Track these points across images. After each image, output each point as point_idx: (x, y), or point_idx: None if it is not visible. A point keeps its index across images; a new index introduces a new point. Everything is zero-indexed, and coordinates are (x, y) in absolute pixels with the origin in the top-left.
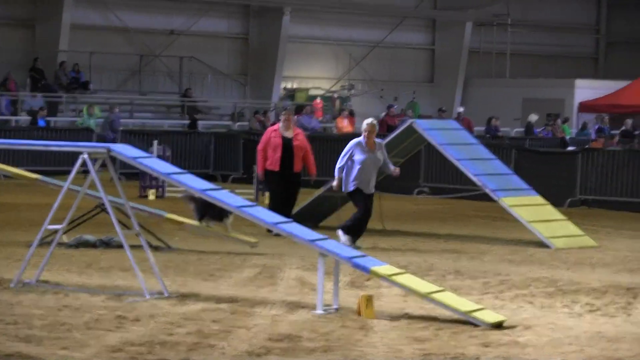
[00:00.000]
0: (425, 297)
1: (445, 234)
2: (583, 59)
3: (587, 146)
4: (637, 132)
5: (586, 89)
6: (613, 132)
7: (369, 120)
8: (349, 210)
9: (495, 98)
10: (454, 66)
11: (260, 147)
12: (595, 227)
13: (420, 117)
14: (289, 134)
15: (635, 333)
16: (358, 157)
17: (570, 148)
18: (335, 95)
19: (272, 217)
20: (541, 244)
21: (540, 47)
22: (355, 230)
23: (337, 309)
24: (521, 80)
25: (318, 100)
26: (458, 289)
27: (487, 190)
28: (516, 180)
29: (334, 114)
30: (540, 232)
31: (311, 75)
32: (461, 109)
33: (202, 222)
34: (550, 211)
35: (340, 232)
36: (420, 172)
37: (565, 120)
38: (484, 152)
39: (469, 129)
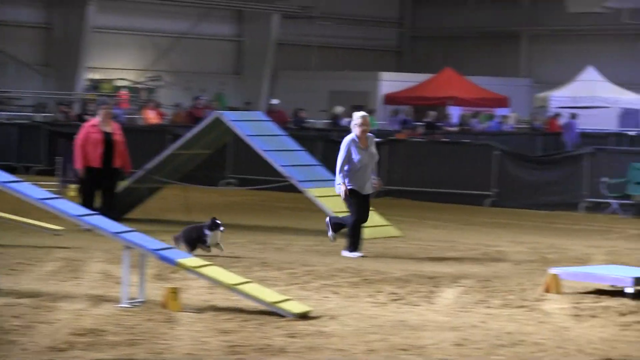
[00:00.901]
0: (231, 288)
1: (252, 225)
2: (387, 52)
3: (391, 137)
4: (440, 124)
5: (391, 82)
6: (417, 123)
7: (362, 113)
8: (157, 202)
9: (302, 90)
10: (261, 58)
11: (78, 142)
12: (399, 217)
13: (227, 108)
14: (108, 129)
15: (438, 321)
16: (355, 156)
17: (375, 140)
18: (142, 86)
19: (76, 210)
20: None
21: (346, 40)
22: (357, 239)
23: (142, 302)
24: (327, 73)
25: (124, 91)
26: (264, 280)
27: (293, 182)
28: (322, 172)
29: (140, 105)
30: None
31: (117, 67)
32: (275, 102)
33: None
34: None
35: (346, 253)
36: (227, 163)
37: (371, 112)
38: (291, 143)
39: (283, 121)
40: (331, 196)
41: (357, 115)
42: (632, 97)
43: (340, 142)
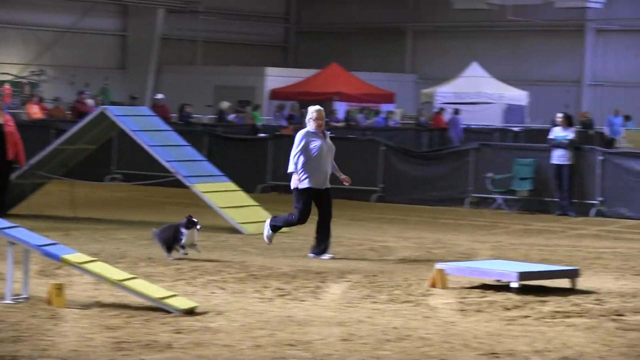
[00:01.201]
0: (117, 284)
1: (138, 221)
2: (273, 47)
3: (277, 133)
4: (326, 120)
5: (276, 77)
6: (303, 119)
7: (317, 107)
8: (41, 197)
9: (188, 85)
10: (145, 53)
11: None
12: (286, 212)
13: (112, 103)
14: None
15: (324, 316)
16: (314, 144)
17: (261, 135)
18: (25, 81)
19: None
20: (233, 230)
21: (231, 35)
22: (278, 230)
23: (26, 299)
24: (213, 68)
25: (6, 86)
26: (150, 276)
27: (179, 177)
28: (208, 167)
29: (23, 100)
30: (232, 218)
31: None
32: (160, 96)
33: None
34: (242, 197)
35: (266, 224)
36: (112, 158)
37: (256, 107)
38: (176, 138)
39: (165, 116)
40: (217, 191)
41: (312, 110)
42: (516, 93)
43: (227, 138)
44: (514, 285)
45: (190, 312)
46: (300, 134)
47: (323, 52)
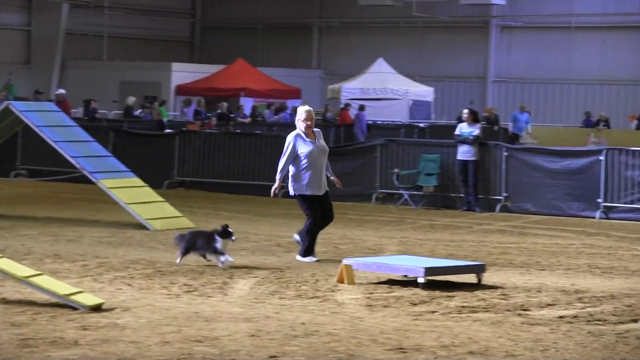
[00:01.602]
0: (22, 281)
1: (43, 217)
2: (179, 42)
3: (184, 128)
4: (232, 115)
5: (183, 73)
6: (209, 114)
7: (306, 107)
8: None
9: (93, 80)
10: (50, 48)
11: None
12: (192, 208)
13: (16, 98)
14: None
15: (231, 312)
16: (304, 149)
17: (167, 130)
18: None
19: None
20: (140, 226)
21: (137, 31)
22: (312, 243)
23: None
24: (119, 63)
25: None
26: (56, 273)
27: (85, 173)
28: (114, 162)
29: None
30: (139, 214)
31: None
32: (61, 91)
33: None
34: (149, 193)
35: (299, 258)
36: (17, 154)
37: (163, 103)
38: (82, 134)
39: (67, 111)
40: (123, 187)
41: (301, 110)
42: (421, 89)
43: (133, 133)
44: (421, 280)
45: (97, 308)
46: (289, 138)
47: (229, 47)
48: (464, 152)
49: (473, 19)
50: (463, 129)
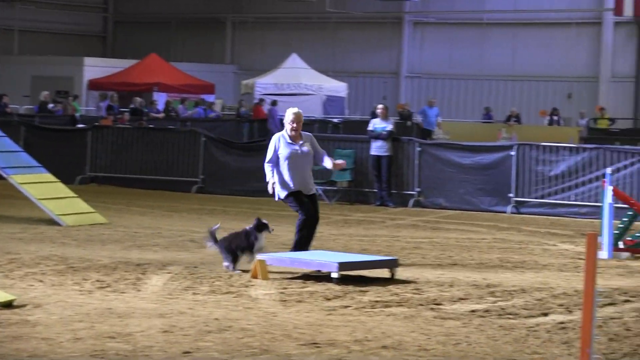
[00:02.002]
0: None
1: None
2: (92, 37)
3: (96, 124)
4: (146, 110)
5: (95, 67)
6: (122, 109)
7: (295, 109)
8: None
9: (4, 75)
10: None
11: None
12: (105, 204)
13: None
14: None
15: (144, 308)
16: (283, 152)
17: (80, 125)
18: None
19: None
20: (52, 222)
21: (49, 25)
22: (305, 239)
23: None
24: (30, 58)
25: None
26: None
27: None
28: (25, 158)
29: None
30: (51, 210)
31: None
32: None
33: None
34: (61, 189)
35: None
36: None
37: (75, 98)
38: None
39: None
40: (35, 183)
41: (290, 112)
42: (335, 84)
43: (45, 129)
44: (334, 275)
45: (8, 305)
46: (273, 138)
47: (142, 42)
48: (377, 148)
49: (386, 14)
50: (376, 124)
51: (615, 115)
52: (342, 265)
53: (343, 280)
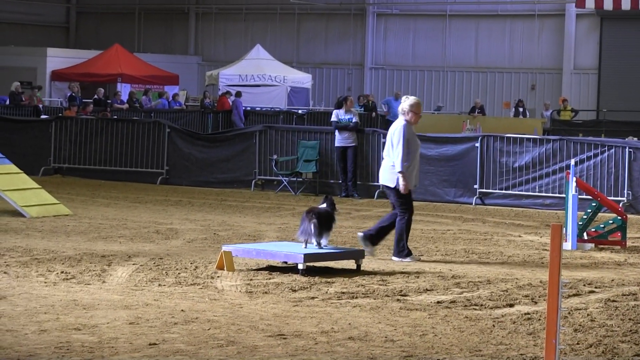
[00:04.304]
0: None
1: None
2: (54, 27)
3: (60, 114)
4: (109, 101)
5: (58, 58)
6: (86, 100)
7: (415, 98)
8: None
9: None
10: None
11: None
12: (69, 195)
13: None
14: None
15: (110, 300)
16: (414, 139)
17: (43, 116)
18: None
19: None
20: (16, 213)
21: (11, 15)
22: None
23: None
24: None
25: None
26: None
27: None
28: None
29: None
30: (15, 201)
31: None
32: None
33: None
34: (24, 180)
35: (396, 259)
36: None
37: (39, 88)
38: None
39: None
40: None
41: (412, 101)
42: (299, 75)
43: (8, 119)
44: (300, 267)
45: None
46: (403, 128)
47: (105, 33)
48: (343, 139)
49: (350, 6)
50: (340, 115)
51: (578, 107)
52: (308, 257)
53: (309, 271)
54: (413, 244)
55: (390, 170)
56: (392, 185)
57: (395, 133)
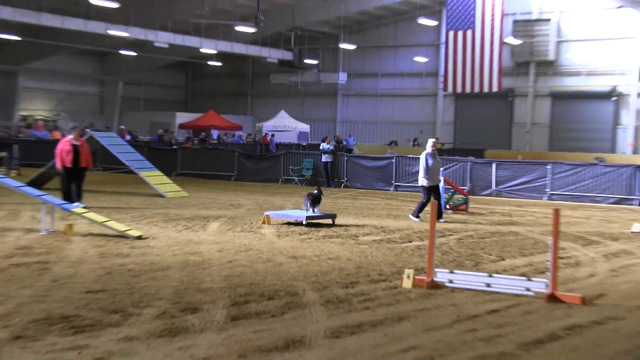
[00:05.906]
0: (101, 224)
1: None
2: (180, 103)
3: (182, 145)
4: (207, 139)
5: (181, 117)
6: (195, 138)
7: (433, 139)
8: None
9: (133, 122)
10: None
11: (58, 151)
12: (187, 186)
13: None
14: (77, 142)
15: (208, 239)
16: (430, 162)
17: (174, 147)
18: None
19: (34, 191)
20: (159, 195)
21: (159, 95)
22: (420, 212)
23: (53, 231)
24: (149, 112)
25: (40, 121)
26: (119, 221)
27: None
28: (147, 163)
29: (50, 129)
30: (160, 189)
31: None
32: None
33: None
34: (164, 178)
35: (412, 217)
36: None
37: (172, 132)
38: None
39: None
40: (152, 175)
41: (431, 141)
42: (303, 125)
43: (155, 148)
44: (304, 222)
45: (139, 237)
46: (423, 155)
47: (205, 104)
48: (326, 157)
49: (329, 89)
50: (324, 145)
51: (444, 141)
52: (308, 218)
53: (309, 225)
54: (361, 211)
55: (424, 176)
56: (420, 184)
57: (420, 158)
